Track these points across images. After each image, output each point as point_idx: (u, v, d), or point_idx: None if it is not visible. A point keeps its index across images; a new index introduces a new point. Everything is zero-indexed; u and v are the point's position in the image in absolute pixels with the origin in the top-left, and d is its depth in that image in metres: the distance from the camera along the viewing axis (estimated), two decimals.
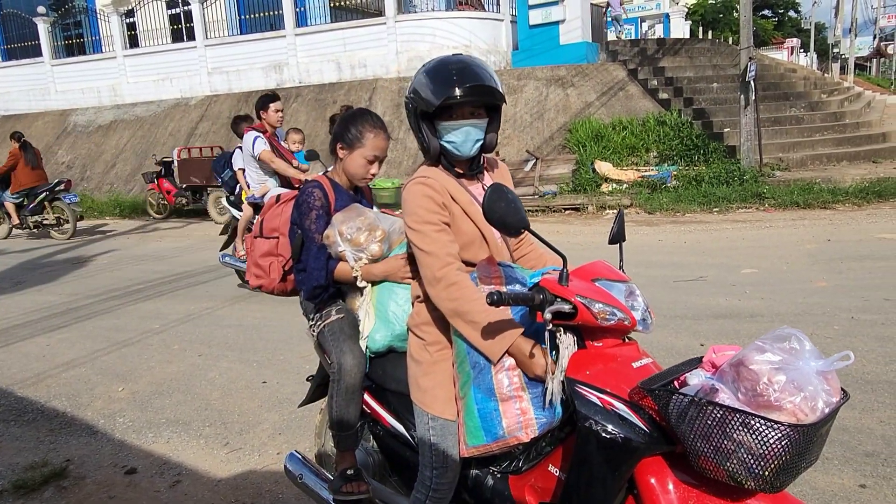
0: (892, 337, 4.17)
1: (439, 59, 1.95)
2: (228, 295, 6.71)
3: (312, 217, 2.37)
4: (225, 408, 4.03)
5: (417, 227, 1.92)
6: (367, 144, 2.39)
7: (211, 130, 16.68)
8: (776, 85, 15.64)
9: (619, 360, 1.75)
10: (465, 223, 1.98)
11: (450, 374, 1.99)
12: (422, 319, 2.06)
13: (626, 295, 1.79)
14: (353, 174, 2.45)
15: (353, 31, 16.16)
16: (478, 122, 1.95)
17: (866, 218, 8.40)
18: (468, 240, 1.99)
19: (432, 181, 1.95)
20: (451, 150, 1.96)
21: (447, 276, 1.86)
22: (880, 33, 46.00)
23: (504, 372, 1.81)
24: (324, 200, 2.40)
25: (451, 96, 1.85)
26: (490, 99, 1.92)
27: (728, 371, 1.53)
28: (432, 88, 1.87)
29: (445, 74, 1.87)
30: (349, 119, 2.43)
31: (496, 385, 1.81)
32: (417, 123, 1.95)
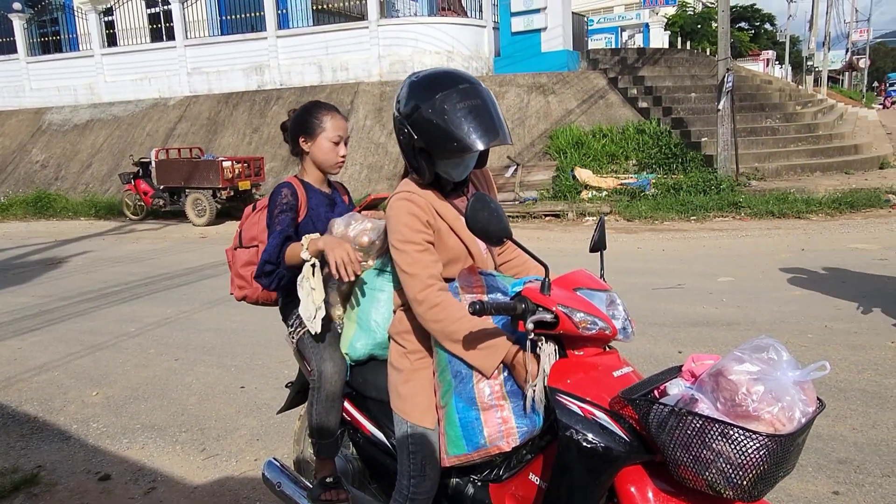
0: (864, 346, 4.25)
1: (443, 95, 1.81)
2: (206, 298, 6.64)
3: (276, 212, 2.35)
4: (202, 413, 3.98)
5: (400, 247, 1.90)
6: (327, 127, 2.40)
7: (190, 131, 16.51)
8: (752, 96, 15.93)
9: (600, 369, 1.76)
10: (451, 239, 1.97)
11: (430, 382, 1.99)
12: (403, 328, 2.05)
13: (606, 304, 1.81)
14: (325, 161, 2.44)
15: (336, 35, 16.13)
16: (475, 155, 1.95)
17: (839, 228, 8.57)
18: (454, 255, 1.98)
19: (417, 198, 1.93)
20: (446, 177, 1.96)
21: (428, 298, 1.84)
22: (852, 47, 47.09)
23: (485, 381, 1.81)
24: (291, 199, 2.38)
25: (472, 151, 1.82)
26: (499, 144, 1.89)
27: (707, 381, 1.54)
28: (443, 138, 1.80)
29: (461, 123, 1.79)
30: (302, 113, 2.45)
31: (478, 394, 1.82)
32: (413, 152, 1.90)
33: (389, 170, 13.64)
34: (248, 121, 16.14)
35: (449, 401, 1.87)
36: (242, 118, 16.26)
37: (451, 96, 1.81)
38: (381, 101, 14.98)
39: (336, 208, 2.52)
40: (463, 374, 1.84)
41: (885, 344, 4.25)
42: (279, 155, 15.00)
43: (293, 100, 15.95)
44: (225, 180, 11.88)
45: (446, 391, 1.88)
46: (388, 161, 13.84)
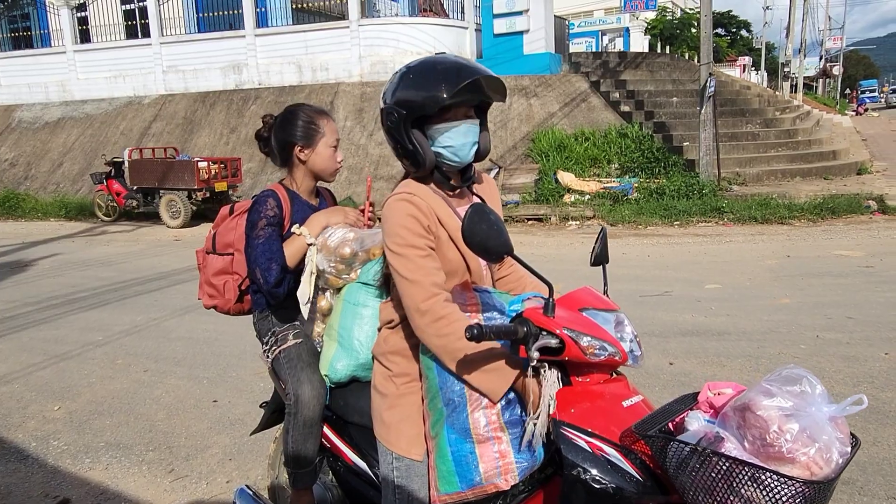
0: (858, 357, 4.16)
1: (422, 62, 1.75)
2: (178, 305, 6.38)
3: (261, 226, 2.17)
4: (171, 430, 3.75)
5: (400, 251, 1.71)
6: (326, 131, 2.25)
7: (165, 131, 16.13)
8: (732, 101, 16.00)
9: (608, 398, 1.59)
10: (451, 251, 1.79)
11: (418, 408, 1.81)
12: (389, 348, 1.87)
13: (614, 325, 1.64)
14: (325, 169, 2.29)
15: (316, 34, 15.87)
16: (473, 121, 1.78)
17: (822, 234, 8.55)
18: (452, 269, 1.80)
19: (419, 200, 1.75)
20: (448, 156, 1.77)
21: (433, 309, 1.65)
22: (826, 54, 47.90)
23: (481, 410, 1.64)
24: (276, 211, 2.20)
25: (461, 90, 1.65)
26: (494, 95, 1.76)
27: (731, 415, 1.39)
28: (435, 85, 1.67)
29: (441, 72, 1.69)
30: (292, 119, 2.25)
31: (472, 425, 1.64)
32: (407, 134, 1.74)
33: (369, 171, 13.42)
34: (225, 120, 15.81)
35: (440, 432, 1.69)
36: (220, 118, 15.92)
37: (429, 60, 1.75)
38: (362, 102, 14.76)
39: None
40: (456, 401, 1.67)
41: (879, 355, 4.16)
42: (257, 156, 14.68)
43: (272, 100, 15.66)
44: (201, 181, 11.57)
45: (437, 421, 1.70)
46: (368, 163, 13.63)
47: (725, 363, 4.17)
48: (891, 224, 8.99)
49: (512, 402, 1.66)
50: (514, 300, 1.79)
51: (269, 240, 2.14)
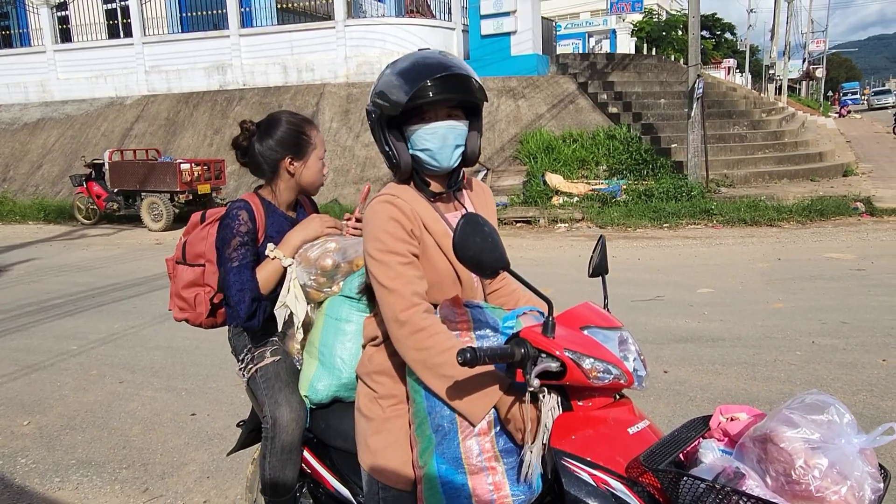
0: (855, 364, 4.07)
1: (409, 56, 1.64)
2: (158, 312, 6.18)
3: (234, 245, 2.00)
4: (146, 445, 3.58)
5: (379, 258, 1.58)
6: (317, 143, 2.12)
7: (147, 132, 15.86)
8: (720, 103, 16.00)
9: (612, 425, 1.46)
10: (439, 258, 1.66)
11: (406, 433, 1.67)
12: (374, 367, 1.73)
13: (618, 344, 1.51)
14: (314, 182, 2.14)
15: (301, 34, 15.68)
16: (456, 123, 1.64)
17: (811, 236, 8.51)
18: (439, 279, 1.67)
19: (402, 203, 1.63)
20: (426, 160, 1.64)
21: (412, 320, 1.53)
22: (809, 57, 48.37)
23: (474, 438, 1.50)
24: (250, 225, 2.04)
25: (420, 91, 1.53)
26: (466, 95, 1.61)
27: (751, 447, 1.26)
28: (399, 86, 1.55)
29: (415, 68, 1.56)
30: (281, 128, 2.08)
31: (464, 454, 1.50)
32: (383, 134, 1.63)
33: (356, 174, 13.25)
34: (209, 122, 15.56)
35: (429, 461, 1.55)
36: (203, 119, 15.68)
37: (408, 57, 1.64)
38: (348, 103, 14.59)
39: None
40: (446, 428, 1.53)
41: (876, 362, 4.08)
42: None
43: (256, 101, 15.45)
44: (183, 183, 11.34)
45: (425, 449, 1.56)
46: (354, 164, 13.46)
47: (721, 371, 4.06)
48: (879, 226, 8.97)
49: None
50: (509, 316, 1.66)
51: (242, 267, 1.97)
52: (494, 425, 1.52)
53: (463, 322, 1.61)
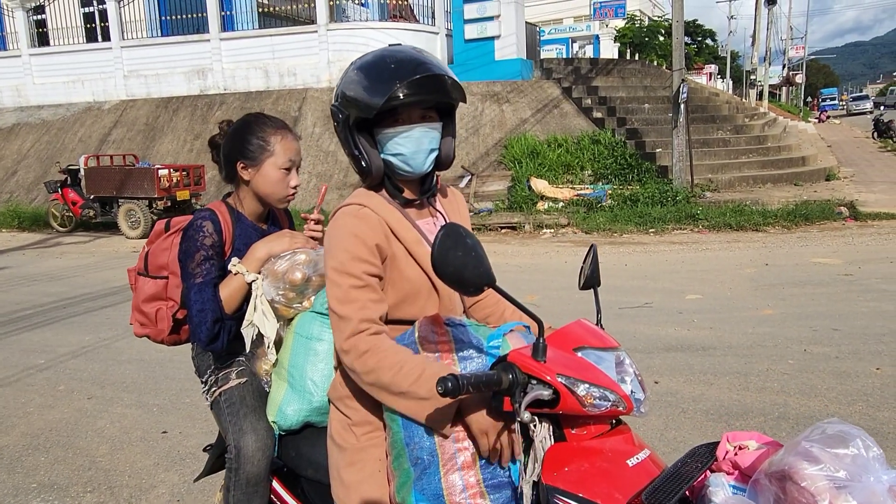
0: (849, 373, 3.97)
1: (374, 53, 1.49)
2: None
3: (197, 259, 1.84)
4: (113, 466, 3.39)
5: (333, 277, 1.46)
6: (276, 150, 1.89)
7: (126, 137, 15.58)
8: (703, 108, 16.03)
9: (609, 457, 1.32)
10: (411, 268, 1.52)
11: (382, 465, 1.52)
12: (346, 391, 1.58)
13: (615, 366, 1.37)
14: (272, 193, 1.92)
15: (283, 38, 15.51)
16: (431, 125, 1.50)
17: (797, 241, 8.47)
18: (413, 290, 1.53)
19: (368, 213, 1.49)
20: (398, 165, 1.50)
21: (356, 346, 1.42)
22: (789, 63, 49.02)
23: (457, 472, 1.36)
24: (215, 237, 1.87)
25: (394, 94, 1.39)
26: (443, 96, 1.47)
27: (766, 484, 1.13)
28: (370, 87, 1.41)
29: (386, 68, 1.42)
30: (241, 130, 1.91)
31: (446, 490, 1.35)
32: (350, 136, 1.48)
33: (339, 179, 13.08)
34: (189, 126, 15.32)
35: (407, 497, 1.40)
36: (183, 124, 15.43)
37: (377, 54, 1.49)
38: None
39: None
40: (426, 461, 1.38)
41: (870, 371, 3.99)
42: None
43: (237, 105, 15.24)
44: (161, 190, 11.10)
45: (403, 483, 1.41)
46: (337, 170, 13.28)
47: (713, 381, 3.95)
48: (864, 230, 8.96)
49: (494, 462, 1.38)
50: (494, 335, 1.51)
51: (204, 285, 1.81)
52: (479, 458, 1.38)
53: (444, 343, 1.47)
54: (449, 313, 1.59)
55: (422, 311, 1.55)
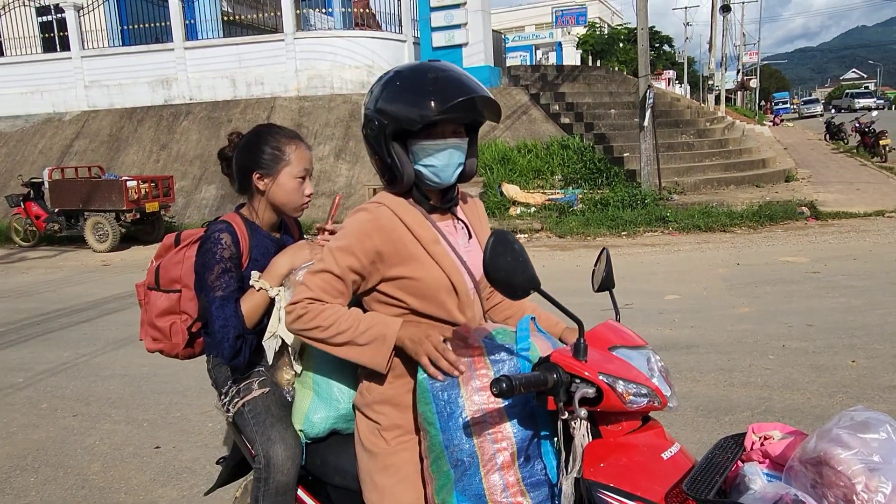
0: (826, 366, 4.14)
1: (410, 68, 1.54)
2: (111, 338, 5.85)
3: (216, 272, 1.84)
4: (108, 484, 3.33)
5: (326, 255, 1.57)
6: (291, 159, 1.92)
7: (89, 149, 15.23)
8: (667, 113, 16.41)
9: (645, 451, 1.38)
10: (429, 267, 1.56)
11: (415, 467, 1.56)
12: (374, 397, 1.61)
13: (646, 363, 1.44)
14: (288, 203, 1.95)
15: (250, 47, 15.36)
16: (460, 142, 1.57)
17: (764, 241, 8.75)
18: (433, 288, 1.57)
19: (385, 212, 1.56)
20: (428, 175, 1.56)
21: (295, 309, 1.55)
22: (743, 68, 50.48)
23: (497, 472, 1.40)
24: (233, 249, 1.88)
25: (441, 112, 1.45)
26: (478, 116, 1.57)
27: (802, 470, 1.20)
28: (417, 101, 1.46)
29: (433, 85, 1.47)
30: (255, 140, 1.94)
31: (488, 490, 1.40)
32: (386, 146, 1.53)
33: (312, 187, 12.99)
34: (154, 137, 15.05)
35: (448, 498, 1.44)
36: (148, 134, 15.15)
37: (420, 68, 1.55)
38: (300, 117, 14.35)
39: None
40: (466, 462, 1.42)
41: (846, 364, 4.16)
42: (190, 174, 14.04)
43: (204, 115, 15.04)
44: (130, 202, 10.88)
45: (443, 485, 1.45)
46: None
47: (699, 378, 4.07)
48: (825, 229, 9.29)
49: (532, 459, 1.43)
50: (521, 337, 1.55)
51: (226, 300, 1.81)
52: (518, 456, 1.42)
53: (476, 350, 1.51)
54: (468, 313, 1.63)
55: (442, 309, 1.59)
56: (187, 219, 13.17)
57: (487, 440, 1.42)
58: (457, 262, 1.60)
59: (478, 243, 1.71)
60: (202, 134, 14.75)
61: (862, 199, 11.26)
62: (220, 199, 13.43)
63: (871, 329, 4.75)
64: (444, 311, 1.59)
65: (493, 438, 1.43)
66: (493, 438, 1.42)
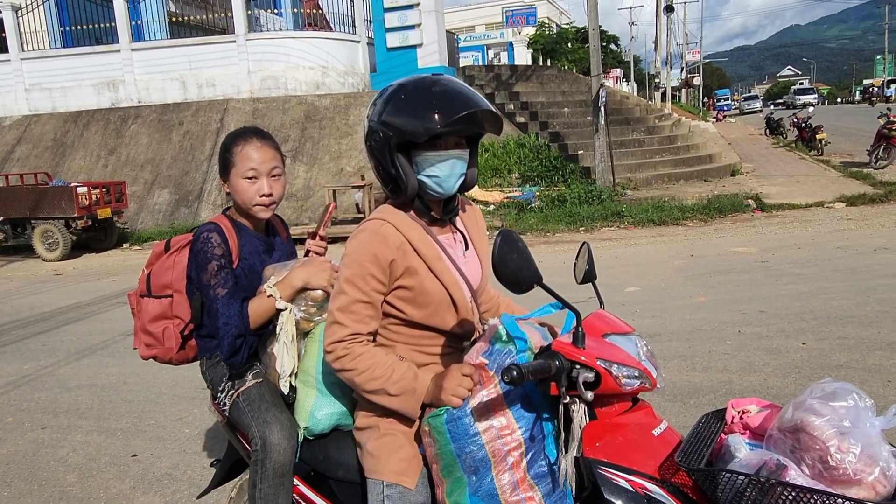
0: (779, 349, 4.38)
1: (414, 81, 1.59)
2: (73, 348, 5.72)
3: (212, 270, 1.89)
4: (86, 494, 3.30)
5: (345, 287, 1.61)
6: (236, 161, 1.94)
7: (32, 154, 14.69)
8: (617, 110, 16.84)
9: (637, 429, 1.50)
10: (431, 283, 1.64)
11: (410, 440, 1.64)
12: None
13: (635, 348, 1.56)
14: (243, 203, 1.98)
15: (200, 49, 15.08)
16: (462, 153, 1.64)
17: (714, 233, 9.11)
18: (435, 303, 1.65)
19: (389, 230, 1.61)
20: (431, 186, 1.62)
21: (336, 350, 1.61)
22: (686, 66, 52.03)
23: (507, 472, 1.48)
24: (224, 248, 1.93)
25: (448, 125, 1.51)
26: (480, 129, 1.64)
27: (781, 438, 1.34)
28: (421, 114, 1.52)
29: (437, 98, 1.53)
30: (221, 147, 2.01)
31: (499, 489, 1.48)
32: (391, 157, 1.58)
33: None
34: (102, 141, 14.63)
35: (461, 499, 1.51)
36: (95, 139, 14.72)
37: (425, 82, 1.59)
38: (255, 119, 14.16)
39: (274, 255, 2.09)
40: (479, 468, 1.49)
41: (797, 346, 4.42)
42: (141, 178, 13.71)
43: (155, 118, 14.70)
44: (81, 208, 10.57)
45: (455, 488, 1.52)
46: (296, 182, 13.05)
47: (663, 365, 4.20)
48: (771, 220, 9.73)
49: (536, 455, 1.51)
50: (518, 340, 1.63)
51: (231, 298, 1.85)
52: (526, 454, 1.50)
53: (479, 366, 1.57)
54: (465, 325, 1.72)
55: (443, 322, 1.68)
56: (140, 224, 12.87)
57: (498, 444, 1.48)
58: (457, 277, 1.67)
59: (475, 253, 1.79)
60: (153, 137, 14.42)
61: (802, 190, 11.82)
62: (173, 204, 13.17)
63: (818, 313, 5.05)
64: (443, 323, 1.68)
65: (504, 442, 1.48)
66: (503, 442, 1.48)
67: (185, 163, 13.83)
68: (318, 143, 13.64)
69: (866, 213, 9.67)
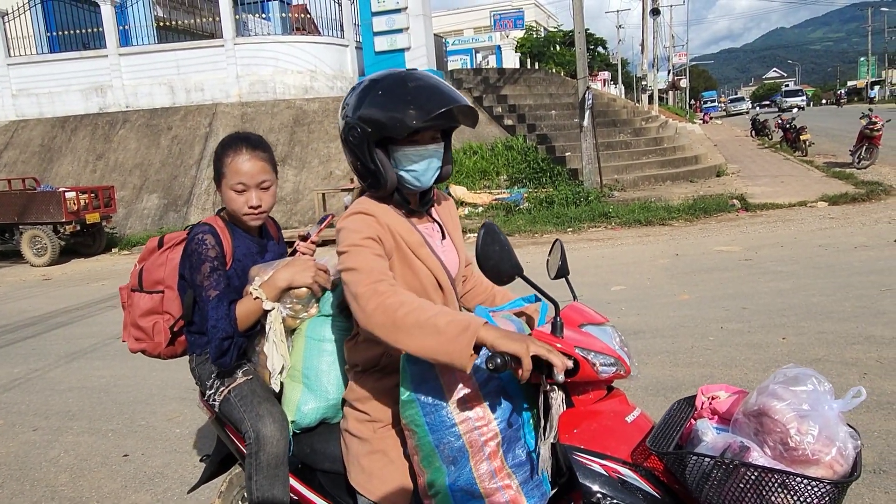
0: (760, 344, 4.48)
1: (391, 77, 1.64)
2: (62, 351, 5.73)
3: (205, 271, 1.92)
4: (78, 494, 3.33)
5: (347, 248, 1.58)
6: (227, 172, 1.97)
7: (19, 160, 14.64)
8: (604, 113, 17.00)
9: (611, 416, 1.57)
10: (419, 268, 1.70)
11: (401, 453, 1.69)
12: (362, 393, 1.74)
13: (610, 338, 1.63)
14: (234, 213, 2.03)
15: (188, 53, 15.10)
16: (439, 147, 1.70)
17: (700, 232, 9.23)
18: (420, 286, 1.71)
19: (376, 209, 1.66)
20: (409, 180, 1.67)
21: (378, 288, 1.49)
22: (673, 69, 52.48)
23: (485, 461, 1.53)
24: (218, 249, 1.97)
25: (428, 120, 1.55)
26: (456, 123, 1.69)
27: (745, 421, 1.41)
28: (401, 109, 1.56)
29: (414, 93, 1.58)
30: (215, 153, 2.04)
31: (478, 479, 1.53)
32: (370, 152, 1.63)
33: None
34: (90, 146, 14.60)
35: (442, 489, 1.56)
36: (83, 144, 14.68)
37: (398, 76, 1.63)
38: (243, 123, 14.19)
39: (267, 256, 2.13)
40: (457, 458, 1.54)
41: (777, 341, 4.51)
42: (129, 183, 13.69)
43: (143, 123, 14.69)
44: (69, 213, 10.56)
45: (435, 479, 1.57)
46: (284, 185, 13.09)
47: (647, 360, 4.34)
48: (755, 220, 9.87)
49: (514, 443, 1.57)
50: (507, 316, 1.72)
51: (220, 300, 1.89)
52: (502, 444, 1.56)
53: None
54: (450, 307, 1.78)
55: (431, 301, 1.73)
56: (129, 229, 12.85)
57: (475, 435, 1.53)
58: (439, 263, 1.73)
59: (451, 242, 1.84)
60: (141, 142, 14.40)
61: (786, 190, 11.98)
62: (162, 209, 13.16)
63: (798, 309, 5.15)
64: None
65: (480, 432, 1.53)
66: (479, 433, 1.53)
67: (173, 167, 13.83)
68: (307, 146, 13.67)
69: (848, 211, 9.84)
